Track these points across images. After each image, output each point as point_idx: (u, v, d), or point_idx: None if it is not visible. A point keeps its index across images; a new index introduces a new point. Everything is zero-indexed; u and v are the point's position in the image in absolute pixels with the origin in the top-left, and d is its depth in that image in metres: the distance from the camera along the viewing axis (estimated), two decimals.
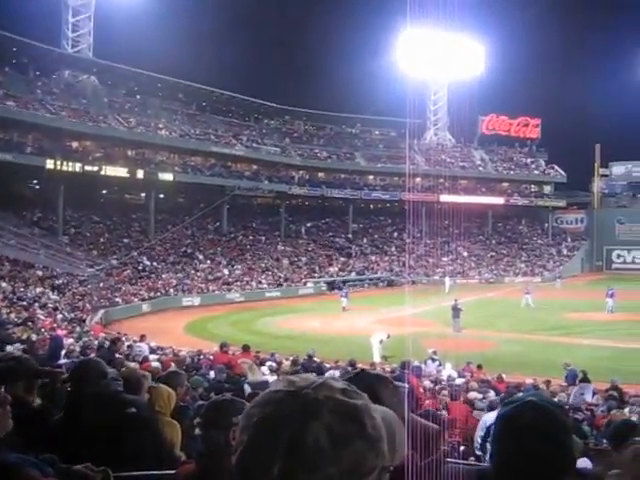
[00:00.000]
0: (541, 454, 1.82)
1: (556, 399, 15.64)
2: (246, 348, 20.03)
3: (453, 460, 5.66)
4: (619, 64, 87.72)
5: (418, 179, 76.78)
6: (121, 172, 53.91)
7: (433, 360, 22.84)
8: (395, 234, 74.93)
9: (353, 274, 64.51)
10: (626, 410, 13.80)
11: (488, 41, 79.39)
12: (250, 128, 73.40)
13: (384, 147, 79.78)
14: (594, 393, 17.53)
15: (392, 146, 79.22)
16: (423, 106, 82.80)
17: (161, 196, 61.36)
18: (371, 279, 63.21)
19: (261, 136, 72.86)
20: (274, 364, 18.55)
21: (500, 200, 78.81)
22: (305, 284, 59.04)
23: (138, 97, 65.94)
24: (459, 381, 18.01)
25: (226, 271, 56.58)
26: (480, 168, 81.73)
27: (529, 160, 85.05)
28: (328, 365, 20.38)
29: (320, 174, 74.68)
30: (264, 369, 16.22)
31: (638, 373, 24.19)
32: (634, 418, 11.53)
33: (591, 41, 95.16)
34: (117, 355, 16.66)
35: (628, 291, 47.83)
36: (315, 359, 21.55)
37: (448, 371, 20.91)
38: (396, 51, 77.63)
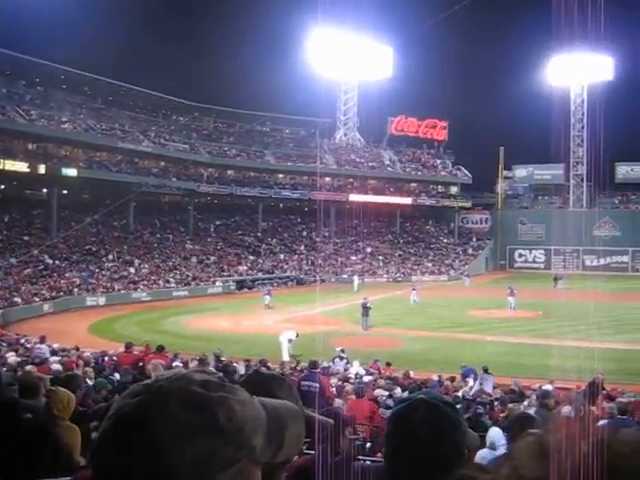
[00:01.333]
0: (431, 450, 1.86)
1: (459, 393, 16.02)
2: (160, 349, 19.62)
3: (362, 457, 5.63)
4: (524, 68, 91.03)
5: (328, 178, 77.46)
6: (21, 167, 51.63)
7: (341, 358, 22.94)
8: (304, 233, 75.19)
9: (261, 273, 64.25)
10: (525, 403, 14.22)
11: (397, 43, 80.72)
12: (158, 124, 71.93)
13: (294, 146, 79.90)
14: (494, 386, 17.98)
15: (302, 145, 79.48)
16: (333, 106, 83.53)
17: (64, 192, 59.23)
18: (280, 278, 63.11)
19: (169, 133, 71.62)
20: (180, 364, 18.15)
21: (408, 200, 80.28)
22: (214, 283, 58.38)
23: (40, 89, 63.42)
24: (367, 378, 18.13)
25: (132, 270, 55.27)
26: (389, 168, 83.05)
27: (436, 161, 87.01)
28: (236, 364, 20.13)
29: (229, 172, 74.08)
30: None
31: (537, 367, 25.08)
32: (531, 411, 11.88)
33: (497, 45, 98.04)
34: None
35: (529, 289, 49.62)
36: (223, 359, 21.28)
37: (356, 369, 21.03)
38: (306, 50, 77.90)
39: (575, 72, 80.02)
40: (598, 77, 79.11)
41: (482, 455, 6.68)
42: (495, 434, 8.25)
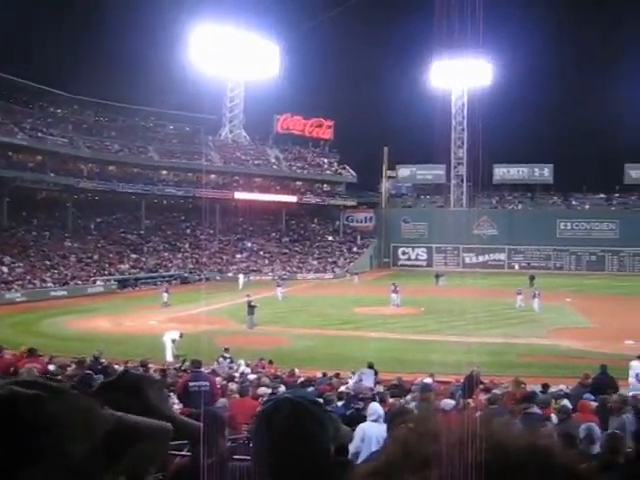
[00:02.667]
0: (295, 448, 1.88)
1: (342, 388, 16.10)
2: (32, 352, 18.55)
3: (240, 457, 5.45)
4: (408, 70, 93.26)
5: (213, 176, 76.58)
6: None
7: (224, 358, 22.66)
8: (189, 231, 73.99)
9: (144, 272, 62.66)
10: (408, 397, 14.44)
11: (284, 42, 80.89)
12: (34, 116, 68.65)
13: (179, 142, 78.37)
14: (377, 382, 18.20)
15: (187, 141, 78.09)
16: (219, 103, 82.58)
17: None
18: (164, 276, 61.68)
19: (47, 125, 68.43)
20: (55, 367, 17.31)
21: (293, 198, 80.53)
22: (94, 282, 56.38)
23: None
24: (252, 377, 17.97)
25: (5, 269, 52.51)
26: (274, 166, 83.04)
27: (322, 160, 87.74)
28: (117, 366, 19.42)
29: (111, 168, 71.80)
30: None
31: (420, 362, 25.65)
32: (412, 405, 12.06)
33: (383, 47, 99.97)
34: None
35: (412, 286, 50.82)
36: (102, 360, 20.49)
37: (241, 368, 20.82)
38: (191, 46, 76.56)
39: (456, 76, 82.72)
40: (478, 81, 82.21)
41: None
42: (374, 407, 8.36)
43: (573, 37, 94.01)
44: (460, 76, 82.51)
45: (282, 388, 14.82)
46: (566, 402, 12.97)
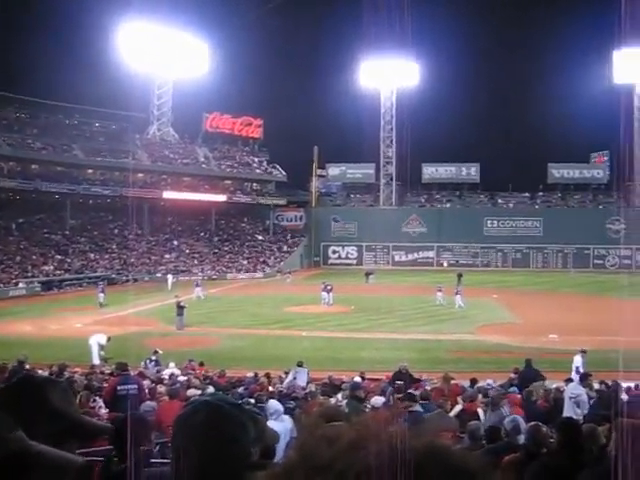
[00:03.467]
0: (214, 451, 1.86)
1: (272, 388, 15.97)
2: None
3: (159, 461, 5.26)
4: (338, 70, 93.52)
5: (140, 175, 75.14)
6: None
7: (150, 360, 22.23)
8: (116, 231, 72.39)
9: (69, 274, 60.99)
10: (339, 396, 14.40)
11: (213, 40, 79.98)
12: None
13: (105, 140, 76.45)
14: (309, 380, 18.15)
15: (113, 139, 76.18)
16: (147, 100, 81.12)
17: None
18: (90, 278, 60.12)
19: None
20: None
21: (223, 198, 79.76)
22: (16, 285, 54.52)
23: None
24: (181, 379, 17.66)
25: None
26: (203, 165, 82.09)
27: (252, 159, 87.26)
28: (41, 371, 18.75)
29: (34, 166, 69.46)
30: None
31: (351, 360, 25.76)
32: (344, 402, 12.03)
33: (313, 46, 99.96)
34: None
35: (342, 284, 51.01)
36: (26, 365, 19.76)
37: (170, 370, 20.45)
38: (119, 43, 74.85)
39: (384, 76, 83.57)
40: (406, 81, 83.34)
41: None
42: (273, 405, 8.31)
43: (499, 38, 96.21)
44: (388, 76, 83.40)
45: (210, 389, 14.58)
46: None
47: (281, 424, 7.85)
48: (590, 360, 21.20)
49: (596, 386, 16.42)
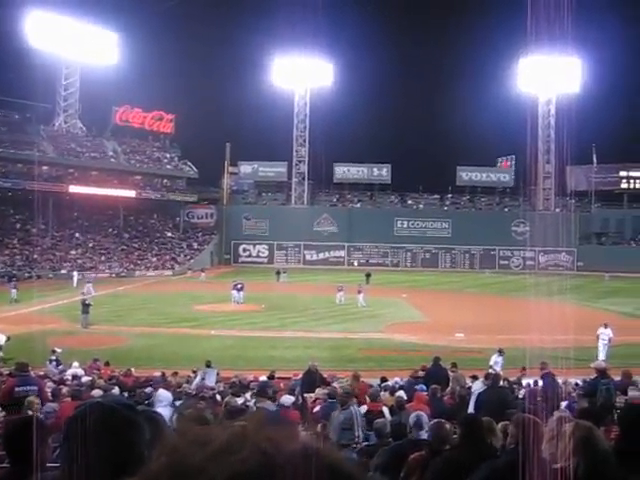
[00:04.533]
0: (105, 452, 1.84)
1: (180, 389, 15.71)
2: None
3: (55, 465, 5.08)
4: (251, 67, 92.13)
5: (45, 167, 72.46)
6: None
7: (51, 361, 21.50)
8: (18, 225, 69.62)
9: None
10: (247, 395, 14.31)
11: (123, 30, 78.04)
12: None
13: (7, 130, 73.23)
14: (218, 380, 17.98)
15: (16, 130, 73.06)
16: (52, 90, 78.39)
17: None
18: None
19: None
20: None
21: (132, 193, 77.84)
22: None
23: None
24: (85, 379, 17.11)
25: None
26: (112, 159, 79.89)
27: (162, 154, 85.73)
28: None
29: None
30: None
31: (261, 359, 25.68)
32: (252, 402, 11.96)
33: (226, 42, 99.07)
34: None
35: (253, 283, 50.78)
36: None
37: (74, 370, 19.80)
38: (23, 31, 71.93)
39: (298, 75, 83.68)
40: (319, 81, 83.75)
41: None
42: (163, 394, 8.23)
43: (413, 41, 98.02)
44: (302, 75, 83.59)
45: (115, 390, 14.22)
46: (401, 393, 13.36)
47: (167, 410, 7.75)
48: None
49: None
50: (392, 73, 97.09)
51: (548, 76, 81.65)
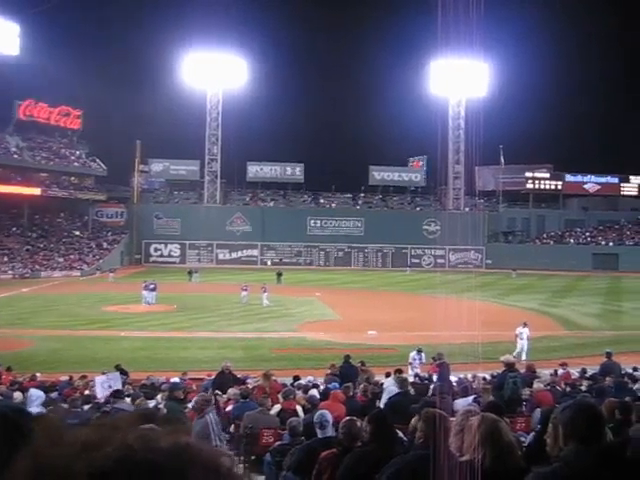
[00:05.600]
0: None
1: (87, 392, 15.28)
2: None
3: None
4: (162, 63, 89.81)
5: None
6: None
7: None
8: None
9: None
10: (158, 397, 14.06)
11: (25, 22, 75.00)
12: None
13: None
14: (125, 383, 17.58)
15: None
16: None
17: None
18: None
19: None
20: None
21: (37, 191, 75.01)
22: None
23: None
24: None
25: None
26: (15, 156, 76.78)
27: (69, 151, 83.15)
28: None
29: None
30: None
31: (173, 360, 25.29)
32: (162, 404, 11.73)
33: (134, 34, 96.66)
34: None
35: (165, 283, 49.91)
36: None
37: None
38: None
39: (211, 73, 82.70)
40: (233, 79, 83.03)
41: None
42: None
43: (327, 42, 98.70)
44: (215, 73, 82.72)
45: (17, 395, 13.66)
46: (314, 392, 13.39)
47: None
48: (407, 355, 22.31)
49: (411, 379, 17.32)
50: (306, 73, 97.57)
51: (458, 79, 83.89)
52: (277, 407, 11.63)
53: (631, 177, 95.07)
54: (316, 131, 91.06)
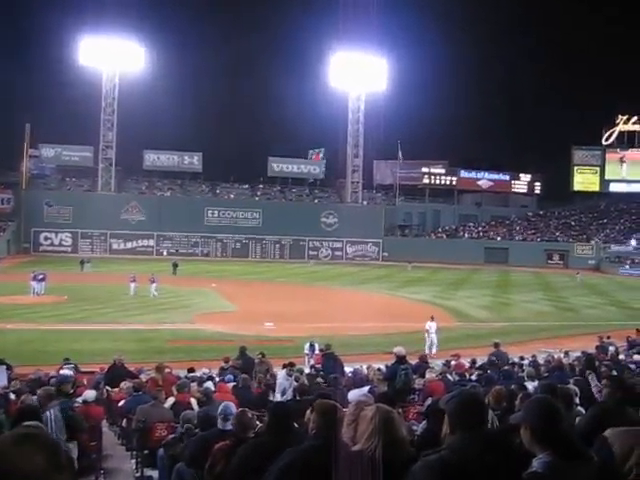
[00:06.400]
0: None
1: None
2: None
3: None
4: (56, 44, 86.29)
5: None
6: None
7: None
8: None
9: None
10: (39, 391, 13.54)
11: None
12: None
13: None
14: (11, 378, 16.85)
15: None
16: None
17: None
18: None
19: None
20: None
21: None
22: None
23: None
24: None
25: None
26: None
27: None
28: None
29: None
30: None
31: (64, 353, 24.33)
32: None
33: (30, 17, 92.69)
34: None
35: (55, 273, 48.16)
36: None
37: None
38: None
39: (107, 56, 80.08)
40: (130, 65, 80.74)
41: None
42: None
43: (229, 31, 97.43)
44: (111, 57, 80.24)
45: None
46: (209, 384, 13.27)
47: None
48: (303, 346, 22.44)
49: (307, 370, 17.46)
50: (206, 62, 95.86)
51: (357, 73, 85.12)
52: (171, 400, 11.42)
53: (521, 175, 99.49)
54: (215, 121, 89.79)
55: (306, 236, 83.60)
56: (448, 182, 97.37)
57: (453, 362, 19.18)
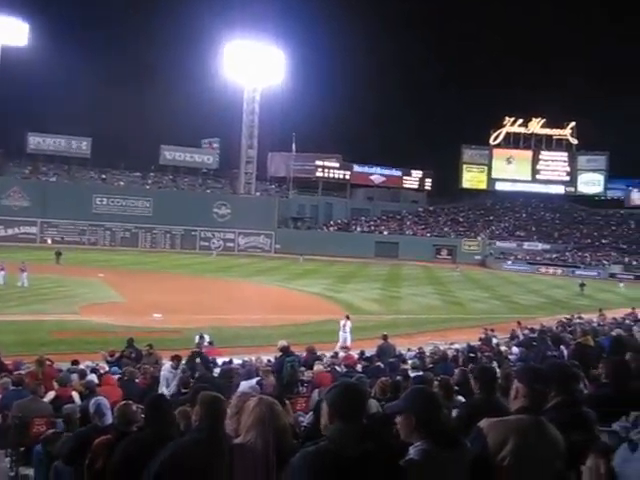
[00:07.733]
0: None
1: None
2: None
3: None
4: None
5: None
6: None
7: None
8: None
9: None
10: None
11: None
12: None
13: None
14: None
15: None
16: None
17: None
18: None
19: None
20: None
21: None
22: None
23: None
24: None
25: None
26: None
27: None
28: None
29: None
30: None
31: None
32: None
33: None
34: None
35: None
36: None
37: None
38: None
39: None
40: (13, 41, 76.97)
41: None
42: None
43: (118, 15, 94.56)
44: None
45: None
46: (92, 377, 12.93)
47: None
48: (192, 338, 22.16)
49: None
50: (98, 43, 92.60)
51: (253, 63, 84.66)
52: (51, 394, 11.00)
53: (412, 171, 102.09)
54: (106, 106, 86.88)
55: (198, 226, 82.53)
56: (341, 176, 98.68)
57: (341, 354, 19.44)
